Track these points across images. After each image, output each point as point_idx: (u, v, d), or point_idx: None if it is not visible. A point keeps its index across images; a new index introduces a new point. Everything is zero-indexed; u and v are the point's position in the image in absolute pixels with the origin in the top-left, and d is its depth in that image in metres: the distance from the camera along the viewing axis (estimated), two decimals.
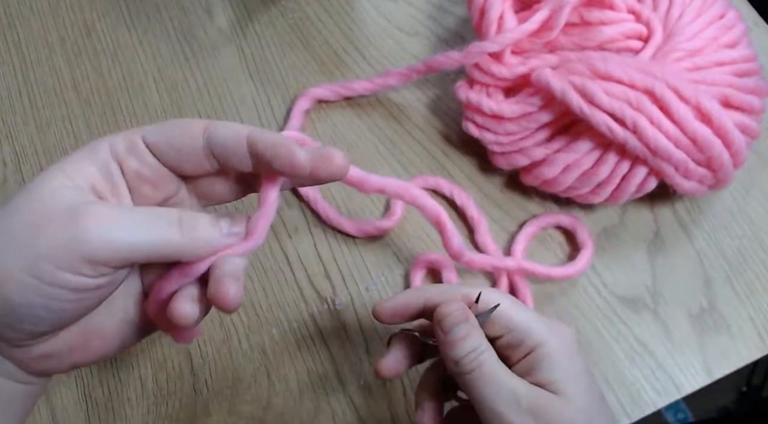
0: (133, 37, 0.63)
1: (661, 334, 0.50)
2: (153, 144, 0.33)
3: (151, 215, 0.31)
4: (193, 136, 0.33)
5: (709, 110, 0.46)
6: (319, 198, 0.55)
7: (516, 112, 0.50)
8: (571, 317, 0.51)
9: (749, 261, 0.52)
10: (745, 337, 0.50)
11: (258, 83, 0.60)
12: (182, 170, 0.34)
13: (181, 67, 0.61)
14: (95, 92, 0.61)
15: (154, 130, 0.33)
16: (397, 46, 0.61)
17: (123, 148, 0.33)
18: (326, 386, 0.50)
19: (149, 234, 0.31)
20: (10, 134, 0.59)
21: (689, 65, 0.49)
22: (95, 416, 0.50)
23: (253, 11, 0.64)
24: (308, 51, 0.62)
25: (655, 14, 0.51)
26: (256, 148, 0.32)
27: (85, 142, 0.58)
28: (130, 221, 0.30)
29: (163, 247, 0.31)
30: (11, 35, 0.64)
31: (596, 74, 0.47)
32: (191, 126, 0.33)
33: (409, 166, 0.56)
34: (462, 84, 0.53)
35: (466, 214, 0.54)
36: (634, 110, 0.46)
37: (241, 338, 0.51)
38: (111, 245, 0.30)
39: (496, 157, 0.53)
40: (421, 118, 0.58)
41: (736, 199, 0.54)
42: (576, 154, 0.49)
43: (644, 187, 0.50)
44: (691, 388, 0.49)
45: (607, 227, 0.54)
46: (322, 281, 0.53)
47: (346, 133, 0.58)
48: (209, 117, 0.59)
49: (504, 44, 0.50)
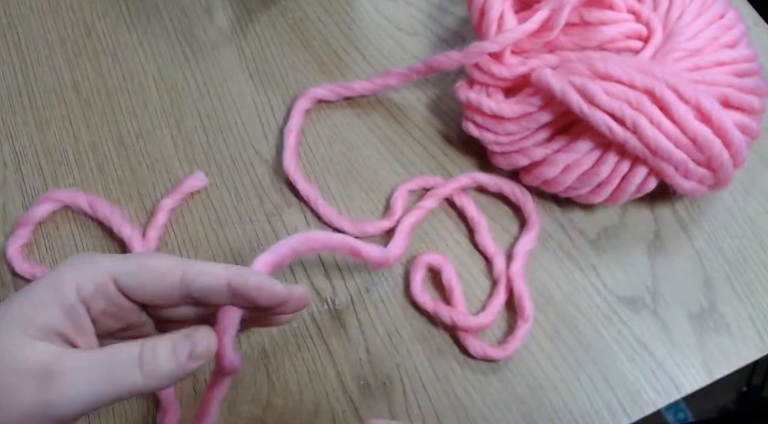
0: (133, 37, 0.63)
1: (661, 334, 0.50)
2: (125, 288, 0.34)
3: (112, 365, 0.31)
4: (170, 283, 0.33)
5: (709, 110, 0.46)
6: (319, 198, 0.55)
7: (516, 112, 0.50)
8: (571, 317, 0.51)
9: (749, 261, 0.52)
10: (745, 337, 0.50)
11: (258, 83, 0.60)
12: (153, 308, 0.36)
13: (181, 67, 0.61)
14: (95, 92, 0.61)
15: (127, 275, 0.33)
16: (397, 46, 0.61)
17: (91, 291, 0.33)
18: (326, 386, 0.50)
19: (112, 386, 0.31)
20: (10, 134, 0.59)
21: (689, 65, 0.49)
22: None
23: (253, 11, 0.64)
24: (308, 51, 0.62)
25: (655, 14, 0.51)
26: (239, 292, 0.33)
27: (85, 142, 0.59)
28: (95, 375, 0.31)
29: (125, 392, 0.32)
30: (11, 35, 0.64)
31: (596, 74, 0.47)
32: (168, 273, 0.33)
33: (409, 166, 0.56)
34: (462, 84, 0.53)
35: (466, 214, 0.54)
36: (634, 110, 0.46)
37: (241, 338, 0.51)
38: (78, 405, 0.31)
39: (496, 157, 0.53)
40: (421, 118, 0.58)
41: (736, 199, 0.54)
42: (576, 154, 0.49)
43: (644, 187, 0.50)
44: (691, 388, 0.49)
45: (607, 226, 0.54)
46: (322, 281, 0.53)
47: (346, 133, 0.58)
48: (209, 117, 0.59)
49: (504, 44, 0.50)
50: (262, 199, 0.56)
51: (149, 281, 0.33)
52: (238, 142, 0.58)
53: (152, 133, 0.59)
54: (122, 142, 0.58)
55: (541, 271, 0.52)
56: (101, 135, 0.59)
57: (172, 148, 0.58)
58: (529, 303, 0.50)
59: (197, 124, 0.59)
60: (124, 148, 0.58)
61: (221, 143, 0.58)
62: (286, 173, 0.55)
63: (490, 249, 0.52)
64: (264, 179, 0.57)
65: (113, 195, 0.56)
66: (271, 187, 0.56)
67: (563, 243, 0.53)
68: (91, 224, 0.55)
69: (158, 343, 0.32)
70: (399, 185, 0.55)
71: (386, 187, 0.56)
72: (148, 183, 0.57)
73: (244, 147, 0.58)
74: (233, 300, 0.34)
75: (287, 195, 0.56)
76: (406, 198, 0.55)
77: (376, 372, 0.50)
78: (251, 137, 0.58)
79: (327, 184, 0.56)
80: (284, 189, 0.56)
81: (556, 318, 0.51)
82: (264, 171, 0.57)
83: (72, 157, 0.58)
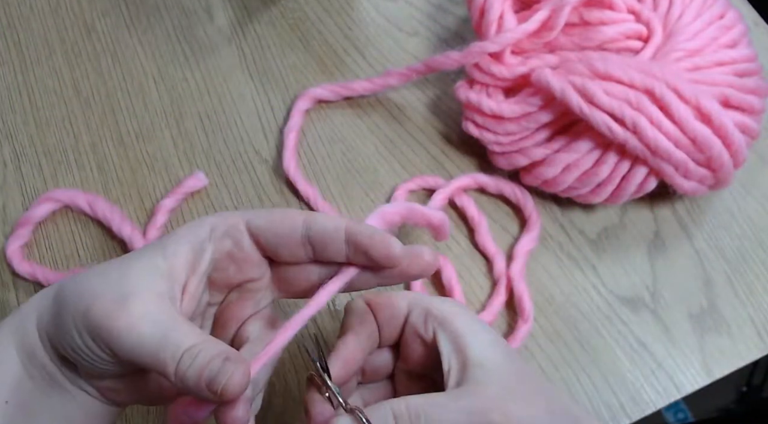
0: (133, 37, 0.63)
1: (661, 334, 0.50)
2: (256, 227, 0.36)
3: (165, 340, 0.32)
4: (294, 224, 0.35)
5: (709, 110, 0.46)
6: (319, 198, 0.55)
7: (516, 112, 0.50)
8: (571, 317, 0.51)
9: (749, 261, 0.52)
10: (745, 337, 0.50)
11: (258, 83, 0.60)
12: (278, 255, 0.36)
13: (181, 67, 0.61)
14: (95, 92, 0.61)
15: (258, 215, 0.36)
16: (397, 46, 0.61)
17: (222, 231, 0.36)
18: None
19: (154, 357, 0.31)
20: (10, 134, 0.59)
21: (689, 65, 0.49)
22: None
23: (253, 11, 0.64)
24: (308, 51, 0.62)
25: (655, 14, 0.51)
26: (354, 239, 0.34)
27: (85, 142, 0.59)
28: (154, 330, 0.32)
29: (160, 370, 0.32)
30: (11, 35, 0.64)
31: (596, 74, 0.47)
32: (293, 214, 0.36)
33: (409, 166, 0.56)
34: (462, 84, 0.53)
35: (466, 214, 0.54)
36: (634, 110, 0.46)
37: None
38: (135, 343, 0.31)
39: (496, 157, 0.53)
40: (421, 118, 0.58)
41: (736, 200, 0.54)
42: (576, 154, 0.49)
43: (644, 187, 0.50)
44: (691, 388, 0.49)
45: (607, 226, 0.54)
46: None
47: (346, 133, 0.58)
48: (209, 117, 0.59)
49: (504, 44, 0.50)
50: (262, 199, 0.56)
51: (276, 221, 0.35)
52: (238, 142, 0.58)
53: (152, 133, 0.59)
54: (122, 142, 0.58)
55: (541, 271, 0.52)
56: (101, 135, 0.59)
57: (172, 148, 0.58)
58: (529, 303, 0.50)
59: (197, 124, 0.59)
60: (124, 148, 0.58)
61: (221, 143, 0.58)
62: (286, 173, 0.55)
63: (491, 249, 0.52)
64: (264, 179, 0.57)
65: (113, 195, 0.56)
66: (271, 187, 0.56)
67: (563, 243, 0.53)
68: (91, 224, 0.55)
69: (204, 348, 0.31)
70: (399, 185, 0.55)
71: (386, 187, 0.56)
72: (148, 183, 0.57)
73: (244, 147, 0.58)
74: (348, 251, 0.35)
75: (287, 195, 0.56)
76: (406, 198, 0.55)
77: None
78: (251, 137, 0.58)
79: (327, 184, 0.56)
80: (284, 189, 0.56)
81: (556, 318, 0.51)
82: (264, 171, 0.57)
83: (72, 157, 0.58)
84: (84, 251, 0.55)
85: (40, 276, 0.52)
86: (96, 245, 0.54)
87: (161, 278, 0.33)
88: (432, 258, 0.36)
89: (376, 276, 0.36)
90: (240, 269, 0.36)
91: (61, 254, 0.54)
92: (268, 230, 0.35)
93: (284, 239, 0.35)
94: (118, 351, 0.32)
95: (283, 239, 0.35)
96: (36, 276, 0.52)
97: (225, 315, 0.38)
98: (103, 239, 0.55)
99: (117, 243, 0.54)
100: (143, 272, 0.33)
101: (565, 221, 0.54)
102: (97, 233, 0.55)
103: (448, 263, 0.52)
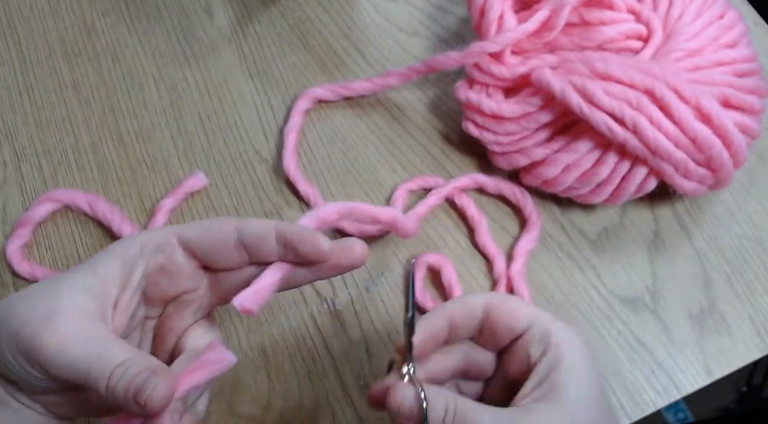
0: (133, 37, 0.63)
1: (661, 334, 0.50)
2: (188, 239, 0.36)
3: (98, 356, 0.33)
4: (226, 231, 0.36)
5: (709, 110, 0.46)
6: (319, 198, 0.55)
7: (516, 112, 0.50)
8: (571, 317, 0.51)
9: (749, 261, 0.52)
10: (745, 337, 0.50)
11: (258, 83, 0.60)
12: (215, 263, 0.37)
13: (181, 67, 0.61)
14: (95, 92, 0.61)
15: (189, 228, 0.37)
16: (397, 46, 0.61)
17: (152, 246, 0.36)
18: (326, 386, 0.50)
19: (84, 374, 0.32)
20: (10, 134, 0.59)
21: (689, 65, 0.49)
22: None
23: (253, 11, 0.64)
24: (308, 51, 0.62)
25: (655, 14, 0.51)
26: (284, 237, 0.36)
27: (85, 142, 0.59)
28: (84, 347, 0.33)
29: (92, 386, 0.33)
30: (11, 35, 0.64)
31: (596, 74, 0.47)
32: (225, 222, 0.37)
33: (409, 166, 0.56)
34: (462, 84, 0.53)
35: (466, 214, 0.54)
36: (634, 110, 0.46)
37: (241, 338, 0.51)
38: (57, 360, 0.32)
39: (496, 157, 0.53)
40: (421, 118, 0.58)
41: (736, 200, 0.54)
42: (576, 154, 0.49)
43: (644, 187, 0.50)
44: (691, 388, 0.49)
45: (607, 226, 0.54)
46: (321, 281, 0.53)
47: (346, 133, 0.58)
48: (209, 117, 0.59)
49: (504, 44, 0.50)
50: (262, 199, 0.56)
51: (209, 229, 0.36)
52: (238, 142, 0.58)
53: (152, 133, 0.59)
54: (122, 142, 0.58)
55: (541, 271, 0.52)
56: (101, 135, 0.59)
57: (172, 148, 0.58)
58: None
59: (197, 124, 0.59)
60: (124, 148, 0.58)
61: (221, 143, 0.58)
62: (286, 173, 0.55)
63: (490, 249, 0.52)
64: (264, 179, 0.57)
65: (113, 195, 0.56)
66: (271, 187, 0.56)
67: (563, 243, 0.53)
68: (91, 224, 0.55)
69: (134, 364, 0.32)
70: (399, 185, 0.55)
71: (386, 187, 0.56)
72: (148, 183, 0.57)
73: (244, 147, 0.58)
74: (279, 250, 0.36)
75: (287, 195, 0.56)
76: (406, 198, 0.55)
77: (376, 372, 0.50)
78: (251, 137, 0.58)
79: (327, 184, 0.56)
80: (284, 189, 0.56)
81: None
82: (264, 171, 0.57)
83: (72, 157, 0.58)
84: (84, 251, 0.55)
85: (40, 276, 0.52)
86: (96, 245, 0.55)
87: (90, 296, 0.34)
88: (362, 249, 0.37)
89: (311, 271, 0.37)
90: (173, 281, 0.37)
91: (61, 254, 0.55)
92: (201, 240, 0.36)
93: (218, 245, 0.36)
94: (50, 370, 0.32)
95: (217, 246, 0.36)
96: (36, 276, 0.53)
97: (164, 327, 0.38)
98: (103, 239, 0.55)
99: None
100: (72, 291, 0.34)
101: (565, 221, 0.54)
102: (97, 233, 0.55)
103: (448, 263, 0.52)
